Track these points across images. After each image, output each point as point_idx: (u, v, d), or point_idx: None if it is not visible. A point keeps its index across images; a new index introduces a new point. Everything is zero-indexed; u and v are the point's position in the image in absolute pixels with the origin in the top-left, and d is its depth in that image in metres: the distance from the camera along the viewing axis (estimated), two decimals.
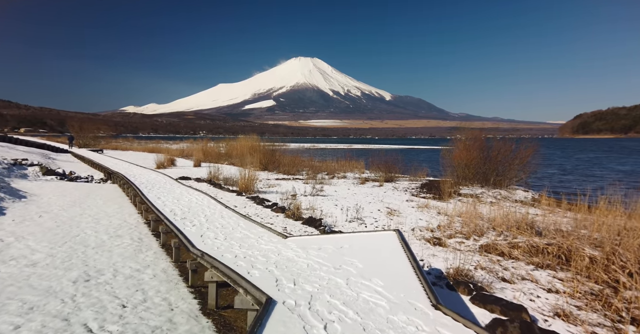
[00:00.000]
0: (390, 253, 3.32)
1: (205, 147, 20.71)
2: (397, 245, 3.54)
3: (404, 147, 52.88)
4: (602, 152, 41.54)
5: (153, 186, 7.59)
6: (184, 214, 5.04)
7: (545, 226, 5.74)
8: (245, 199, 8.35)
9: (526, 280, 3.91)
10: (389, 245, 3.56)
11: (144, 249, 4.22)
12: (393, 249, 3.42)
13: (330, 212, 7.18)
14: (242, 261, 3.06)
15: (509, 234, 5.42)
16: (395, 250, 3.40)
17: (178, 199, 6.25)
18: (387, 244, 3.59)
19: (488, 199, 9.78)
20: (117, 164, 12.98)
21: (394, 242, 3.63)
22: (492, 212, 7.01)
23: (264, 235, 4.06)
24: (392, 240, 3.71)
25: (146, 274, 3.42)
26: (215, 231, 4.20)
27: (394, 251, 3.36)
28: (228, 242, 3.75)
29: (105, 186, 8.83)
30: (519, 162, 11.65)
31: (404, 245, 3.47)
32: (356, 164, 16.23)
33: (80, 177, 10.23)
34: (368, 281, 2.61)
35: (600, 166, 22.81)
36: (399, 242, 3.61)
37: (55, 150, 21.53)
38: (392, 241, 3.67)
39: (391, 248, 3.46)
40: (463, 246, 5.09)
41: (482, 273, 4.07)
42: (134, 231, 4.95)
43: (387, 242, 3.67)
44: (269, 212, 7.12)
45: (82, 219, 5.29)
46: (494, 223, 5.99)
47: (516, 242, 4.90)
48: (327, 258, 3.19)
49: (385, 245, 3.57)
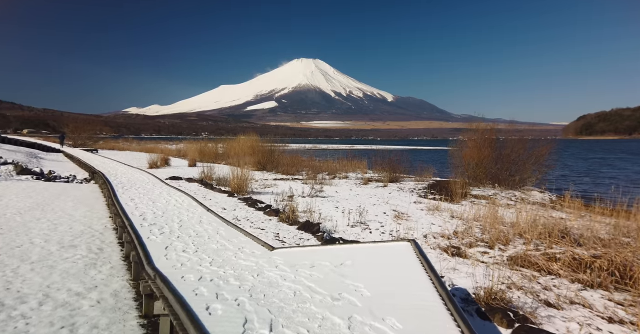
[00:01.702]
0: (406, 273, 2.50)
1: (202, 146, 19.93)
2: (413, 261, 2.72)
3: (407, 147, 52.02)
4: (610, 153, 40.54)
5: (131, 186, 6.80)
6: (155, 219, 4.25)
7: (580, 233, 4.92)
8: (237, 201, 7.56)
9: (576, 304, 3.08)
10: (403, 261, 2.75)
11: (99, 264, 3.42)
12: (409, 268, 2.60)
13: (330, 215, 6.38)
14: (206, 286, 2.25)
15: (541, 243, 4.60)
16: (412, 269, 2.58)
17: (154, 201, 5.46)
18: (401, 260, 2.78)
19: (503, 200, 8.95)
20: (104, 164, 12.22)
21: (409, 258, 2.81)
22: (513, 215, 6.18)
23: (246, 246, 3.26)
24: (406, 254, 2.89)
25: (87, 300, 2.61)
26: (186, 240, 3.40)
27: (411, 271, 2.55)
28: (198, 256, 2.95)
29: (83, 186, 8.07)
30: (534, 161, 10.81)
31: (423, 262, 2.64)
32: (358, 164, 15.43)
33: (60, 176, 9.48)
34: (380, 323, 1.79)
35: (613, 166, 21.89)
36: (415, 257, 2.79)
37: (46, 149, 20.83)
38: (407, 256, 2.85)
39: (406, 266, 2.64)
40: (487, 258, 4.27)
41: (518, 294, 3.24)
42: (96, 240, 4.16)
43: (401, 256, 2.85)
44: (260, 215, 6.33)
45: (37, 225, 4.50)
46: (519, 229, 5.16)
47: (552, 254, 4.07)
48: (323, 280, 2.38)
49: (398, 261, 2.75)
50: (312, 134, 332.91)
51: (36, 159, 13.88)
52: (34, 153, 16.56)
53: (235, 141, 18.02)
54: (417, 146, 72.30)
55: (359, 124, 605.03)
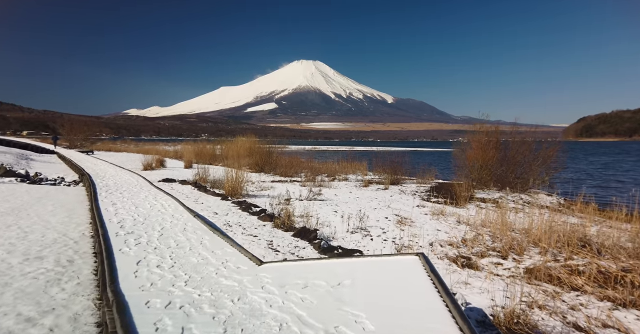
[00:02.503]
0: (417, 298, 2.09)
1: (199, 147, 19.51)
2: (423, 281, 2.31)
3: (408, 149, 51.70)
4: (613, 155, 40.16)
5: (117, 189, 6.39)
6: (134, 227, 3.84)
7: (600, 241, 4.51)
8: (230, 205, 7.14)
9: (610, 328, 2.67)
10: (412, 280, 2.34)
11: (65, 279, 3.01)
12: (419, 290, 2.19)
13: (328, 220, 5.97)
14: (172, 316, 1.84)
15: (559, 253, 4.19)
16: (423, 292, 2.17)
17: (138, 205, 5.05)
18: (409, 279, 2.37)
19: (510, 204, 8.55)
20: (95, 165, 11.81)
21: (418, 276, 2.40)
22: (524, 221, 5.78)
23: (231, 260, 2.85)
24: (414, 271, 2.48)
25: (37, 329, 2.20)
26: (163, 253, 2.99)
27: (422, 294, 2.13)
28: (173, 272, 2.54)
29: (69, 189, 7.66)
30: (541, 162, 10.41)
31: (436, 282, 2.23)
32: (359, 166, 15.02)
33: (47, 179, 9.06)
34: None
35: (619, 169, 21.47)
36: (426, 276, 2.38)
37: (39, 151, 20.40)
38: (415, 274, 2.44)
39: (416, 288, 2.23)
40: (502, 270, 3.85)
41: (541, 314, 2.83)
42: (68, 250, 3.75)
43: (408, 274, 2.44)
44: (254, 220, 5.92)
45: (4, 234, 4.09)
46: (533, 237, 4.75)
47: (574, 266, 3.66)
48: (316, 307, 1.97)
49: (405, 281, 2.34)
50: (312, 136, 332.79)
51: (26, 161, 13.47)
52: (26, 154, 16.14)
53: (233, 143, 17.63)
54: (417, 147, 71.92)
55: (359, 126, 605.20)
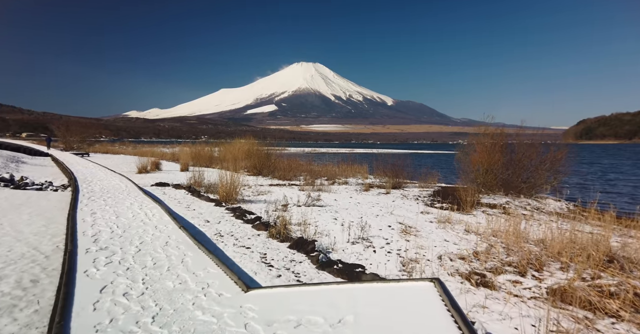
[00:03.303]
0: None
1: (196, 150, 19.09)
2: (441, 317, 1.90)
3: (408, 151, 51.30)
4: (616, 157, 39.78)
5: (102, 195, 5.98)
6: (109, 241, 3.42)
7: (627, 255, 4.10)
8: (224, 211, 6.73)
9: None
10: (427, 313, 1.93)
11: (22, 305, 2.60)
12: (435, 325, 1.78)
13: (327, 229, 5.56)
14: None
15: (582, 269, 3.78)
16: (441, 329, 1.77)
17: (120, 215, 4.63)
18: (422, 312, 1.95)
19: (517, 210, 8.16)
20: (87, 168, 11.40)
21: (434, 308, 1.99)
22: (538, 229, 5.37)
23: (214, 284, 2.44)
24: (430, 303, 2.06)
25: None
26: (135, 275, 2.58)
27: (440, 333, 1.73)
28: (142, 303, 2.13)
29: (53, 195, 7.24)
30: (549, 166, 10.01)
31: (456, 315, 1.82)
32: (359, 169, 14.62)
33: (34, 183, 8.65)
34: None
35: (624, 173, 21.08)
36: (443, 309, 1.96)
37: (32, 153, 19.97)
38: (431, 305, 2.03)
39: (432, 323, 1.82)
40: (521, 289, 3.44)
41: None
42: (35, 267, 3.33)
43: (423, 308, 2.02)
44: (248, 229, 5.51)
45: None
46: (551, 249, 4.34)
47: (605, 286, 3.25)
48: None
49: (419, 317, 1.92)
50: (311, 138, 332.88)
51: (16, 164, 13.06)
52: (17, 157, 15.72)
53: (231, 145, 17.23)
54: (417, 150, 71.64)
55: (359, 128, 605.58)
